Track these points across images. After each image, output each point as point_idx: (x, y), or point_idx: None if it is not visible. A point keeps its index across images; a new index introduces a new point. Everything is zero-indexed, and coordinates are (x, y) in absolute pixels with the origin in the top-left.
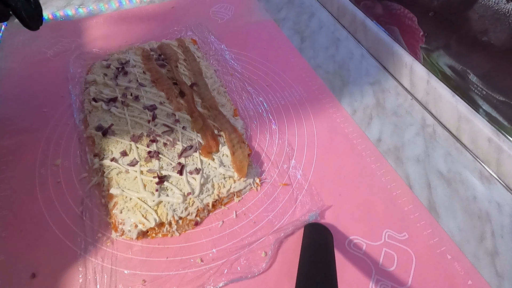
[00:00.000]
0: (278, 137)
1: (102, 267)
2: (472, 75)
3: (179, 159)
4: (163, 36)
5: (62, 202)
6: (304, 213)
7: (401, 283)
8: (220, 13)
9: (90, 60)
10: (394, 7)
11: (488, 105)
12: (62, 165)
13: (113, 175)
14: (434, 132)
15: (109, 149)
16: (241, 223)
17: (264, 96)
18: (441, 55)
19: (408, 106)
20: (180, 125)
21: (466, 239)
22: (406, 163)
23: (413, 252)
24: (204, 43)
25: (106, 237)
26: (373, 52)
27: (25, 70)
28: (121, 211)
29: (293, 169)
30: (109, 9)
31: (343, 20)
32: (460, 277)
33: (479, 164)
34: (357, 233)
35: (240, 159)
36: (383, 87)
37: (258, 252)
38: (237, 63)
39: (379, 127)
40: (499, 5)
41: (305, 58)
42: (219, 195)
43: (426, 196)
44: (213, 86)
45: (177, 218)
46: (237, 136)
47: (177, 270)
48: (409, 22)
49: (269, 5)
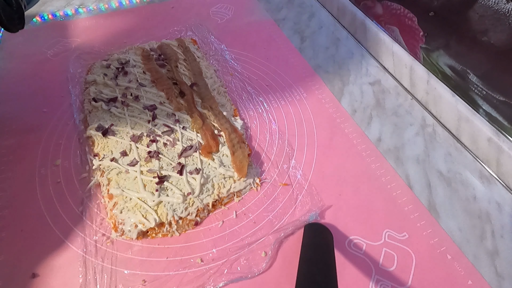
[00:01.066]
0: (278, 137)
1: (102, 267)
2: (472, 75)
3: (179, 159)
4: (163, 36)
5: (62, 202)
6: (304, 213)
7: (401, 283)
8: (220, 13)
9: (90, 60)
10: (394, 7)
11: (488, 105)
12: (62, 165)
13: (113, 175)
14: (434, 132)
15: (109, 149)
16: (241, 223)
17: (264, 96)
18: (441, 55)
19: (408, 106)
20: (180, 125)
21: (466, 239)
22: (406, 163)
23: (413, 252)
24: (204, 43)
25: (106, 237)
26: (373, 52)
27: (25, 70)
28: (121, 211)
29: (293, 169)
30: (109, 9)
31: (343, 20)
32: (460, 277)
33: (479, 164)
34: (357, 233)
35: (240, 159)
36: (383, 87)
37: (258, 252)
38: (237, 63)
39: (379, 127)
40: (499, 5)
41: (305, 58)
42: (219, 195)
43: (426, 196)
44: (213, 86)
45: (177, 218)
46: (237, 136)
47: (177, 270)
48: (409, 22)
49: (269, 5)
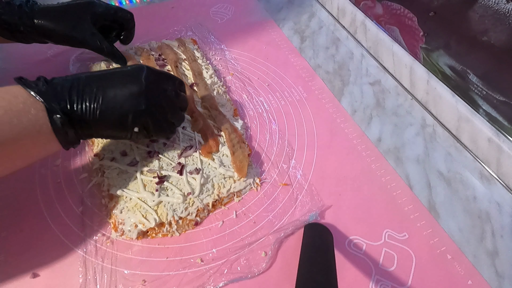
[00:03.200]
0: (278, 137)
1: (102, 267)
2: (472, 75)
3: (179, 159)
4: (163, 36)
5: (62, 202)
6: (304, 213)
7: (401, 283)
8: (220, 13)
9: (90, 60)
10: (394, 7)
11: (488, 105)
12: (62, 165)
13: (113, 175)
14: (434, 132)
15: (109, 149)
16: (241, 223)
17: (264, 96)
18: (441, 55)
19: (408, 106)
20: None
21: (466, 239)
22: (406, 163)
23: (413, 252)
24: (204, 43)
25: (106, 237)
26: (373, 52)
27: (25, 70)
28: (121, 211)
29: (293, 169)
30: None
31: (343, 20)
32: (460, 277)
33: (479, 164)
34: (357, 233)
35: (240, 159)
36: (383, 87)
37: (258, 252)
38: (237, 63)
39: (379, 127)
40: (499, 5)
41: (305, 58)
42: (219, 195)
43: (426, 196)
44: (213, 86)
45: (177, 218)
46: (237, 136)
47: (177, 270)
48: (409, 22)
49: (269, 5)
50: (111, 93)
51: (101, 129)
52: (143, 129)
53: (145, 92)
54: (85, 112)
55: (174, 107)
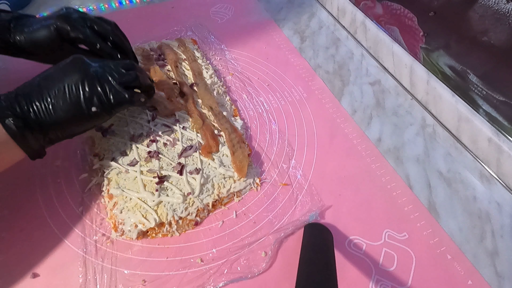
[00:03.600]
0: (278, 137)
1: (102, 267)
2: (472, 75)
3: (179, 159)
4: (163, 36)
5: (62, 202)
6: (304, 213)
7: (401, 283)
8: (220, 13)
9: None
10: (394, 7)
11: (488, 105)
12: (62, 165)
13: (113, 175)
14: (434, 132)
15: (109, 149)
16: (241, 223)
17: (264, 96)
18: (441, 55)
19: (408, 106)
20: (180, 125)
21: (466, 239)
22: (406, 163)
23: (413, 252)
24: (204, 43)
25: (106, 237)
26: (373, 52)
27: (25, 70)
28: (121, 211)
29: (293, 169)
30: (109, 9)
31: (343, 20)
32: (460, 277)
33: (479, 164)
34: (357, 233)
35: (240, 159)
36: (383, 87)
37: (258, 252)
38: (237, 63)
39: (379, 127)
40: (499, 5)
41: (305, 58)
42: (219, 195)
43: (426, 196)
44: (213, 86)
45: (177, 218)
46: (237, 136)
47: (177, 270)
48: (409, 22)
49: (269, 5)
50: (56, 86)
51: (62, 124)
52: (100, 105)
53: (84, 70)
54: (39, 112)
55: (117, 68)
